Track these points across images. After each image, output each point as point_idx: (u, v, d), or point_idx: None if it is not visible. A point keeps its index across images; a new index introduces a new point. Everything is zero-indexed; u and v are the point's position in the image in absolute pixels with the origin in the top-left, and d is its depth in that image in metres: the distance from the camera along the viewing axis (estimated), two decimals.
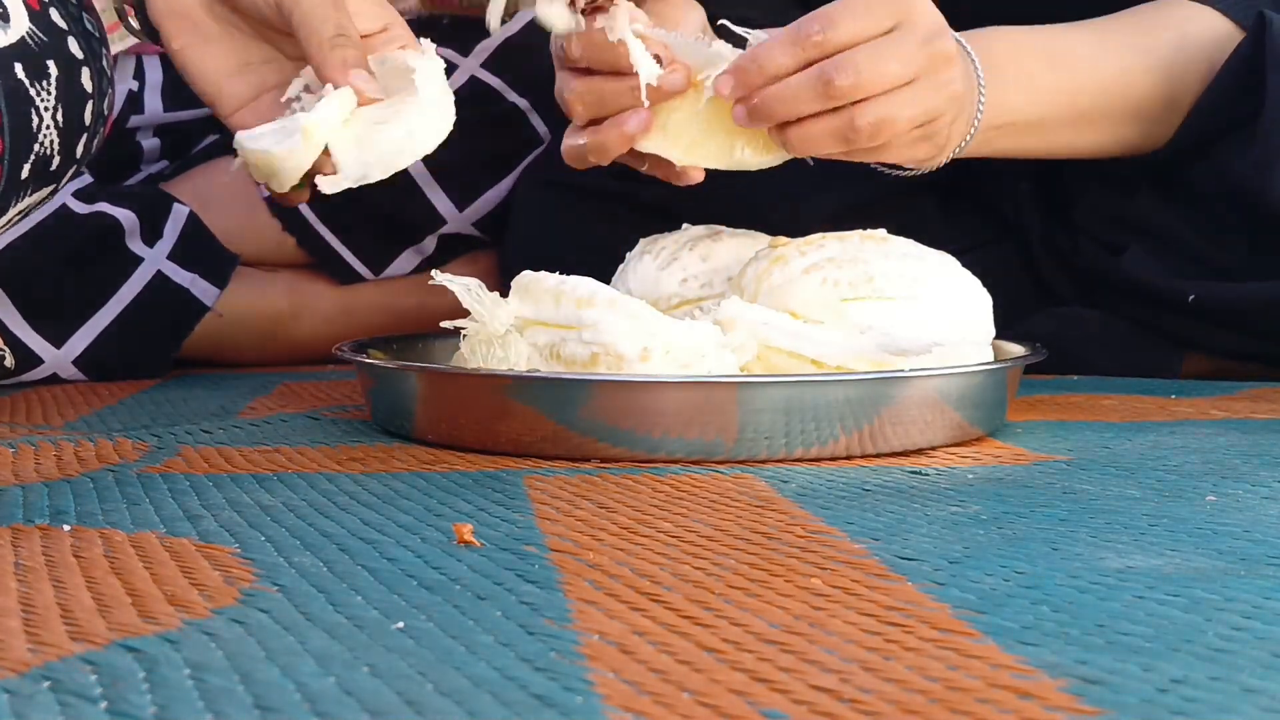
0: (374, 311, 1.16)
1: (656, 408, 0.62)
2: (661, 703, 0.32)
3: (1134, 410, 0.80)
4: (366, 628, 0.38)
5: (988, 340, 0.74)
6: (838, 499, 0.55)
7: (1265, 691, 0.32)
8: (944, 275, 0.73)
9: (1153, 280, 0.93)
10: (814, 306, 0.70)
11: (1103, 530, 0.49)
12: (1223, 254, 0.91)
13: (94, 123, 0.69)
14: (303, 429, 0.74)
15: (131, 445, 0.68)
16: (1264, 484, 0.57)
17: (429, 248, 1.17)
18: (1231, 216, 0.91)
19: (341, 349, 0.75)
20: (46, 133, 0.64)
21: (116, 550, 0.47)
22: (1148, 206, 0.95)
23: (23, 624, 0.38)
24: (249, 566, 0.45)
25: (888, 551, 0.46)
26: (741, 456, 0.63)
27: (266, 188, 0.70)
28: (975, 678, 0.33)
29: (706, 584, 0.42)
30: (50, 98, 0.64)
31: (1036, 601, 0.40)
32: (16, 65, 0.63)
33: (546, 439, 0.64)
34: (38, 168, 0.66)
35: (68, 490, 0.57)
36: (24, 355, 0.98)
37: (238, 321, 1.11)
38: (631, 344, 0.64)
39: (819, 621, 0.38)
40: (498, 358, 0.67)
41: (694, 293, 0.78)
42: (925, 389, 0.65)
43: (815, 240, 0.73)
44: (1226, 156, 0.89)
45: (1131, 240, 0.96)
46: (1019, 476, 0.60)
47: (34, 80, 0.64)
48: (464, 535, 0.48)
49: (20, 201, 0.67)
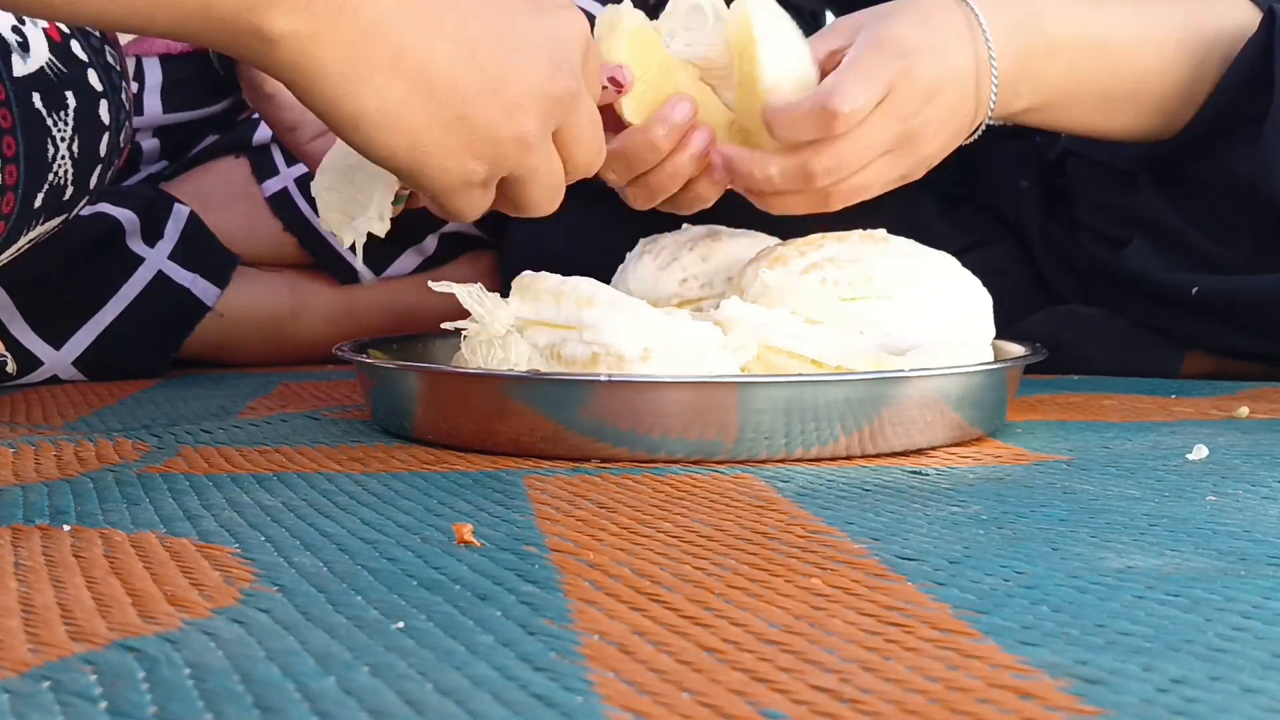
0: (375, 311, 1.17)
1: (656, 408, 0.62)
2: (661, 703, 0.32)
3: (1134, 410, 0.80)
4: (366, 628, 0.38)
5: (988, 340, 0.74)
6: (838, 499, 0.55)
7: (1265, 691, 0.32)
8: (944, 275, 0.73)
9: (1156, 274, 0.93)
10: (813, 306, 0.70)
11: (1103, 530, 0.49)
12: (1226, 250, 0.91)
13: (109, 154, 0.69)
14: (303, 429, 0.74)
15: (131, 445, 0.68)
16: (1264, 484, 0.57)
17: (430, 247, 1.17)
18: (1236, 212, 0.91)
19: (341, 349, 0.75)
20: (61, 163, 0.64)
21: (116, 550, 0.47)
22: (1150, 202, 0.95)
23: (23, 624, 0.38)
24: (249, 566, 0.45)
25: (888, 551, 0.46)
26: (741, 456, 0.63)
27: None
28: (975, 678, 0.33)
29: (706, 584, 0.42)
30: (67, 128, 0.64)
31: (1036, 601, 0.40)
32: (34, 95, 0.63)
33: (546, 439, 0.64)
34: (51, 198, 0.66)
35: (68, 490, 0.57)
36: (24, 358, 0.98)
37: (238, 321, 1.11)
38: (632, 344, 0.64)
39: (819, 621, 0.38)
40: (498, 358, 0.67)
41: (694, 293, 0.79)
42: (925, 389, 0.65)
43: (815, 240, 0.73)
44: (1233, 151, 0.89)
45: (1134, 234, 0.96)
46: (1019, 476, 0.60)
47: (51, 110, 0.64)
48: (464, 535, 0.48)
49: (31, 231, 0.67)
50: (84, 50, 0.67)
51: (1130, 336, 0.97)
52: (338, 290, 1.16)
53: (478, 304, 0.67)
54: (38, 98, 0.63)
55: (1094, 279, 0.99)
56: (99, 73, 0.68)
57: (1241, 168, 0.87)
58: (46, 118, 0.64)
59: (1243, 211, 0.90)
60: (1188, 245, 0.93)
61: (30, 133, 0.63)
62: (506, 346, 0.67)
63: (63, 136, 0.65)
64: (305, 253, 1.15)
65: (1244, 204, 0.89)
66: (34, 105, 0.63)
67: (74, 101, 0.65)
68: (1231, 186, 0.89)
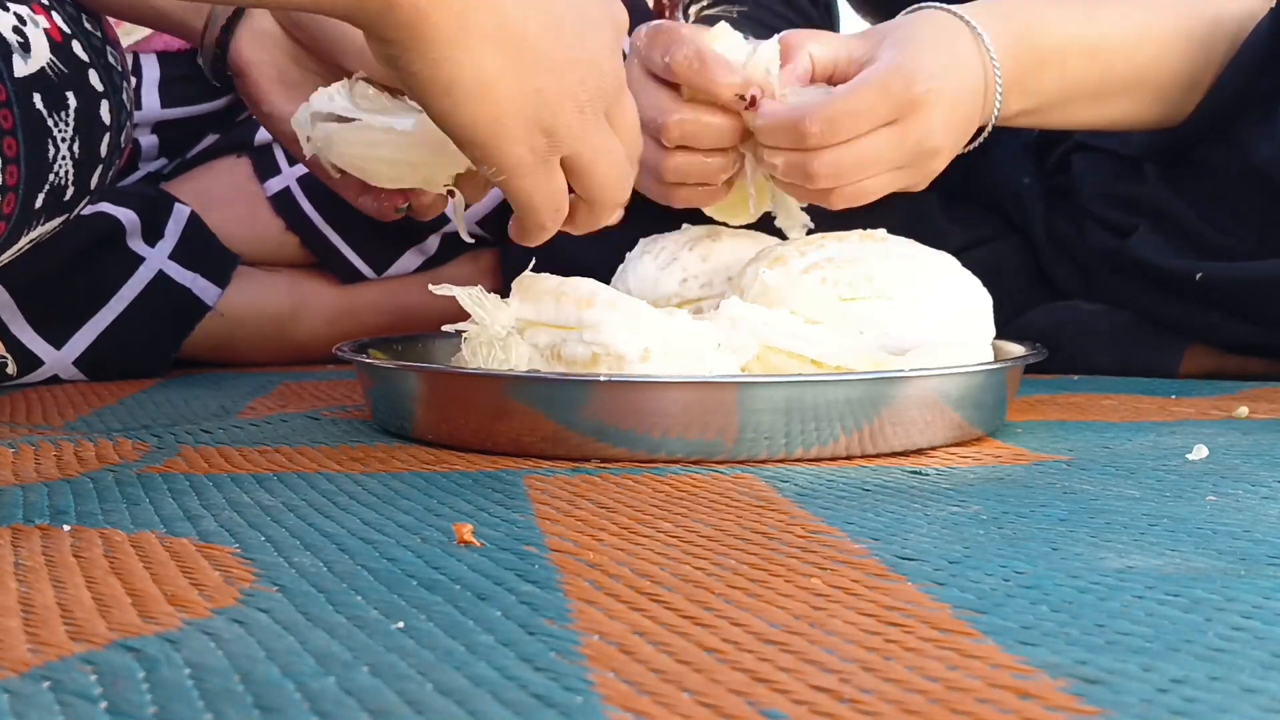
0: (376, 311, 1.17)
1: (656, 408, 0.62)
2: (661, 703, 0.32)
3: (1134, 410, 0.80)
4: (366, 628, 0.38)
5: (988, 340, 0.74)
6: (838, 499, 0.55)
7: (1265, 691, 0.32)
8: (944, 275, 0.73)
9: (1160, 261, 0.93)
10: (813, 306, 0.70)
11: (1103, 530, 0.49)
12: (1231, 238, 0.91)
13: (110, 155, 0.69)
14: (303, 429, 0.74)
15: (131, 445, 0.68)
16: (1264, 484, 0.57)
17: (431, 247, 1.17)
18: (1242, 200, 0.91)
19: (341, 349, 0.75)
20: (62, 163, 0.64)
21: (116, 550, 0.47)
22: (1156, 190, 0.96)
23: (23, 624, 0.38)
24: (249, 566, 0.45)
25: (888, 551, 0.46)
26: (741, 456, 0.63)
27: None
28: (975, 678, 0.33)
29: (706, 584, 0.42)
30: (68, 129, 0.65)
31: (1036, 601, 0.40)
32: (35, 96, 0.63)
33: (546, 439, 0.64)
34: (51, 198, 0.66)
35: (68, 490, 0.57)
36: (25, 358, 0.98)
37: (239, 321, 1.11)
38: (632, 344, 0.64)
39: (819, 621, 0.38)
40: (498, 359, 0.67)
41: (694, 293, 0.79)
42: (925, 389, 0.65)
43: (815, 240, 0.74)
44: (1248, 138, 0.89)
45: (1140, 223, 0.96)
46: (1019, 476, 0.60)
47: (52, 111, 0.64)
48: (464, 535, 0.48)
49: (32, 231, 0.67)
50: (85, 51, 0.67)
51: (1131, 332, 0.97)
52: (338, 290, 1.16)
53: (478, 305, 0.67)
54: (39, 98, 0.63)
55: (1097, 270, 0.99)
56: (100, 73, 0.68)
57: (1261, 148, 0.87)
58: (47, 118, 0.64)
59: (1249, 199, 0.90)
60: (1193, 233, 0.93)
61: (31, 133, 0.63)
62: (506, 348, 0.67)
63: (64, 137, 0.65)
64: (307, 252, 1.15)
65: (1252, 191, 0.89)
66: (35, 106, 0.63)
67: (75, 102, 0.65)
68: (1243, 171, 0.89)
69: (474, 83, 0.57)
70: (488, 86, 0.57)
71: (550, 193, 0.63)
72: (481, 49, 0.56)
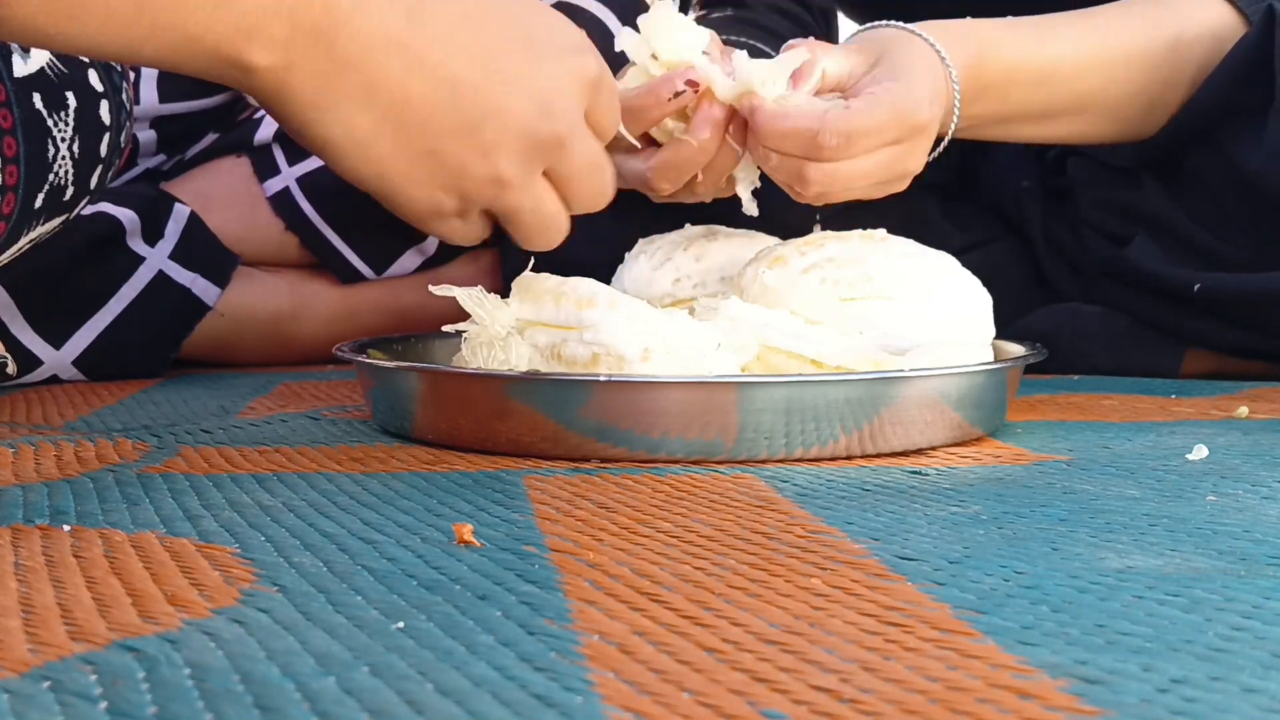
0: (376, 311, 1.16)
1: (656, 408, 0.62)
2: (661, 703, 0.32)
3: (1134, 410, 0.80)
4: (366, 628, 0.38)
5: (988, 340, 0.74)
6: (838, 499, 0.55)
7: (1265, 691, 0.32)
8: (943, 275, 0.73)
9: (1158, 270, 0.93)
10: (813, 306, 0.70)
11: (1103, 530, 0.49)
12: (1228, 247, 0.91)
13: (109, 154, 0.69)
14: (303, 429, 0.74)
15: (131, 445, 0.68)
16: (1264, 484, 0.58)
17: (431, 247, 1.17)
18: (1238, 209, 0.91)
19: (341, 349, 0.75)
20: (62, 163, 0.65)
21: (116, 550, 0.47)
22: (1153, 198, 0.96)
23: (23, 624, 0.38)
24: (249, 566, 0.45)
25: (888, 551, 0.46)
26: (741, 456, 0.63)
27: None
28: (975, 678, 0.33)
29: (706, 584, 0.42)
30: (68, 129, 0.65)
31: (1036, 601, 0.40)
32: (35, 95, 0.63)
33: (546, 439, 0.64)
34: (51, 198, 0.66)
35: (68, 490, 0.57)
36: (24, 357, 0.98)
37: (239, 321, 1.11)
38: (632, 344, 0.64)
39: (819, 621, 0.38)
40: (498, 360, 0.67)
41: (687, 293, 0.79)
42: (925, 389, 0.65)
43: (815, 240, 0.73)
44: (1235, 147, 0.89)
45: (1137, 231, 0.96)
46: (1019, 476, 0.60)
47: (52, 111, 0.64)
48: (464, 535, 0.48)
49: (32, 231, 0.67)
50: None
51: (1131, 334, 0.97)
52: (338, 290, 1.16)
53: (478, 306, 0.67)
54: (38, 98, 0.63)
55: (1096, 276, 0.99)
56: (99, 73, 0.68)
57: (1249, 161, 0.87)
58: (47, 118, 0.64)
59: (1245, 207, 0.90)
60: (1190, 241, 0.93)
61: (31, 133, 0.63)
62: (506, 348, 0.67)
63: (63, 137, 0.65)
64: (307, 252, 1.15)
65: (1246, 200, 0.89)
66: (34, 106, 0.63)
67: (74, 102, 0.65)
68: (1234, 182, 0.90)
69: (347, 141, 0.58)
70: (363, 145, 0.58)
71: (467, 235, 0.65)
72: (350, 110, 0.57)
